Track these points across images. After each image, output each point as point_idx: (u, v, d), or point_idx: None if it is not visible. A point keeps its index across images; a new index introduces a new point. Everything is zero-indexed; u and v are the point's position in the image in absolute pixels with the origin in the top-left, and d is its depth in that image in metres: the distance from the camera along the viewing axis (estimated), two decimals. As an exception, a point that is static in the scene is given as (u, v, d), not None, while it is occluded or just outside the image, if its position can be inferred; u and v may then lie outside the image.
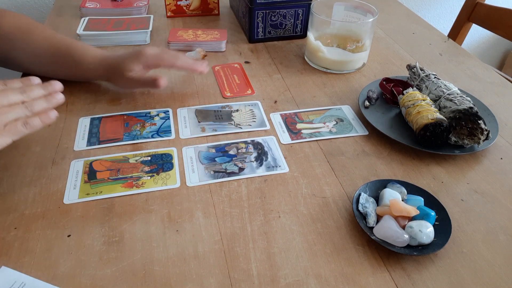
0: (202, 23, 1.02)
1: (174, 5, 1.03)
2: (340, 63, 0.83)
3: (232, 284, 0.45)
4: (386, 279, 0.46)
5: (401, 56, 0.92)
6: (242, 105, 0.73)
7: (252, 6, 0.88)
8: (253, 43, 0.94)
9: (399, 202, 0.51)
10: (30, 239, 0.49)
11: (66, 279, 0.45)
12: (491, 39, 1.88)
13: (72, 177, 0.57)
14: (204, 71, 0.74)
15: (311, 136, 0.67)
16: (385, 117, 0.70)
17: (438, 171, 0.61)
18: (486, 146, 0.63)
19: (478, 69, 0.87)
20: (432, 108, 0.64)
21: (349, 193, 0.57)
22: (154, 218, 0.52)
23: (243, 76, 0.82)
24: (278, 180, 0.58)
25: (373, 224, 0.50)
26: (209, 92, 0.76)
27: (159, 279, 0.45)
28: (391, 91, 0.73)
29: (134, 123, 0.68)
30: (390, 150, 0.64)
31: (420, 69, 0.75)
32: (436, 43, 0.98)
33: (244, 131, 0.67)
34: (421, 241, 0.48)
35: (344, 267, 0.47)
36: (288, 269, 0.47)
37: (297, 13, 0.92)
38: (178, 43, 0.89)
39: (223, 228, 0.51)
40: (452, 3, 1.73)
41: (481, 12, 1.22)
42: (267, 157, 0.62)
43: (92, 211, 0.53)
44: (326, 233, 0.51)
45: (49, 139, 0.64)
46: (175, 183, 0.57)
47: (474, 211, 0.55)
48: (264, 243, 0.49)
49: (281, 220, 0.52)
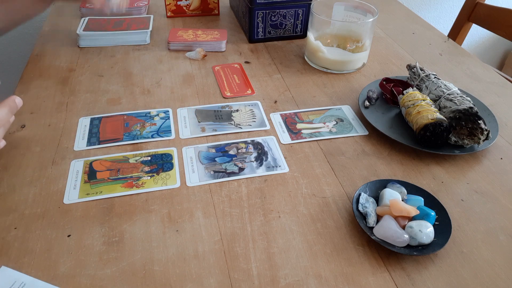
0: (202, 23, 1.02)
1: (174, 5, 1.03)
2: (340, 63, 0.83)
3: (232, 284, 0.45)
4: (386, 279, 0.46)
5: (401, 56, 0.92)
6: (242, 105, 0.73)
7: (252, 6, 0.88)
8: (253, 43, 0.94)
9: (399, 202, 0.51)
10: (30, 239, 0.49)
11: (66, 279, 0.45)
12: (491, 39, 1.88)
13: (72, 177, 0.57)
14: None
15: (311, 136, 0.67)
16: (385, 117, 0.70)
17: (438, 171, 0.61)
18: (486, 146, 0.63)
19: (478, 69, 0.87)
20: (432, 108, 0.64)
21: (349, 193, 0.57)
22: (154, 218, 0.52)
23: (243, 76, 0.82)
24: (278, 180, 0.58)
25: (373, 224, 0.50)
26: (209, 92, 0.76)
27: (159, 279, 0.45)
28: (391, 91, 0.73)
29: (134, 123, 0.68)
30: (390, 150, 0.64)
31: (420, 69, 0.75)
32: (436, 43, 0.98)
33: (244, 131, 0.67)
34: (421, 241, 0.48)
35: (344, 267, 0.47)
36: (288, 269, 0.47)
37: (297, 13, 0.92)
38: (178, 43, 0.89)
39: (223, 228, 0.51)
40: (452, 3, 1.73)
41: (481, 12, 1.22)
42: (267, 157, 0.62)
43: (92, 211, 0.53)
44: (326, 233, 0.51)
45: (49, 139, 0.64)
46: (175, 183, 0.57)
47: (474, 211, 0.55)
48: (264, 243, 0.49)
49: (281, 220, 0.52)
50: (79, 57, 0.85)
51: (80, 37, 0.89)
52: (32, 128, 0.66)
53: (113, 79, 0.79)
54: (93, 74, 0.80)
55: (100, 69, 0.82)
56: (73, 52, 0.87)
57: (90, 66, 0.83)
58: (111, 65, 0.84)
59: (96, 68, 0.82)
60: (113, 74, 0.81)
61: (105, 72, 0.81)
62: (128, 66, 0.83)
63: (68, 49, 0.89)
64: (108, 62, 0.84)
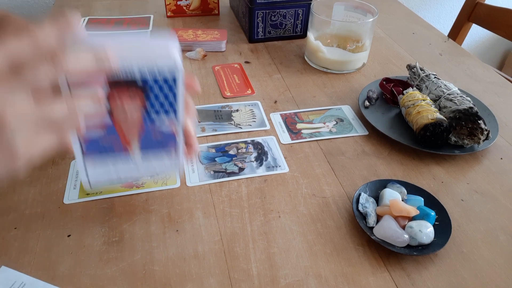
0: (202, 23, 1.02)
1: (174, 5, 1.03)
2: (340, 63, 0.83)
3: (232, 284, 0.45)
4: (386, 279, 0.46)
5: (401, 56, 0.92)
6: (242, 105, 0.73)
7: (252, 6, 0.88)
8: (253, 43, 0.94)
9: (399, 202, 0.51)
10: (30, 239, 0.49)
11: (66, 279, 0.45)
12: (491, 39, 1.88)
13: (72, 177, 0.57)
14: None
15: (311, 136, 0.67)
16: (385, 117, 0.70)
17: (438, 171, 0.61)
18: (486, 146, 0.63)
19: (478, 69, 0.87)
20: (432, 108, 0.64)
21: (349, 193, 0.57)
22: (154, 218, 0.52)
23: (243, 76, 0.82)
24: (278, 180, 0.58)
25: (373, 224, 0.50)
26: (209, 92, 0.76)
27: (159, 279, 0.45)
28: (391, 91, 0.73)
29: (134, 123, 0.68)
30: (390, 150, 0.64)
31: (420, 69, 0.75)
32: (436, 43, 0.98)
33: (244, 131, 0.67)
34: (421, 241, 0.48)
35: (344, 267, 0.47)
36: (288, 269, 0.47)
37: (297, 13, 0.92)
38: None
39: (223, 228, 0.51)
40: (452, 3, 1.73)
41: (481, 12, 1.22)
42: (267, 157, 0.62)
43: (92, 211, 0.53)
44: (326, 233, 0.51)
45: (49, 139, 0.64)
46: (175, 183, 0.57)
47: (474, 211, 0.55)
48: (264, 243, 0.49)
49: (281, 220, 0.52)
50: (79, 57, 0.85)
51: (80, 37, 0.89)
52: (32, 128, 0.66)
53: (113, 79, 0.79)
54: (93, 74, 0.80)
55: (100, 69, 0.82)
56: (73, 52, 0.87)
57: (90, 66, 0.83)
58: (111, 65, 0.83)
59: (96, 68, 0.82)
60: (113, 74, 0.80)
61: (105, 72, 0.81)
62: (128, 66, 0.83)
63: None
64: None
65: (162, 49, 0.36)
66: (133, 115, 0.39)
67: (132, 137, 0.40)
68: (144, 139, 0.41)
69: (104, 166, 0.41)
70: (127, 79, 0.35)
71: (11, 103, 0.29)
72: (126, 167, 0.42)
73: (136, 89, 0.37)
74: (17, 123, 0.29)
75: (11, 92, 0.29)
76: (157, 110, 0.39)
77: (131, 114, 0.39)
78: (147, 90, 0.37)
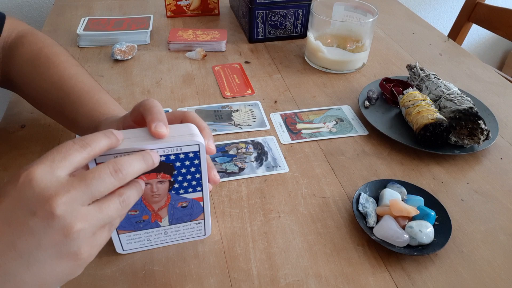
0: (202, 23, 1.02)
1: (174, 5, 1.03)
2: (340, 63, 0.83)
3: (232, 284, 0.45)
4: (386, 279, 0.46)
5: (401, 56, 0.92)
6: (242, 105, 0.73)
7: (252, 6, 0.88)
8: (253, 43, 0.94)
9: (399, 202, 0.51)
10: (30, 239, 0.49)
11: (66, 279, 0.45)
12: (491, 39, 1.88)
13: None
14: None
15: (311, 136, 0.67)
16: (385, 117, 0.70)
17: (438, 171, 0.61)
18: (486, 146, 0.63)
19: (478, 69, 0.87)
20: (432, 108, 0.64)
21: (349, 193, 0.57)
22: (154, 218, 0.52)
23: (243, 76, 0.82)
24: (278, 180, 0.58)
25: (373, 224, 0.50)
26: (209, 92, 0.76)
27: (159, 279, 0.45)
28: (391, 91, 0.73)
29: (134, 123, 0.68)
30: (390, 150, 0.64)
31: (420, 69, 0.75)
32: (436, 43, 0.98)
33: (244, 131, 0.67)
34: (421, 241, 0.48)
35: (344, 267, 0.47)
36: (288, 269, 0.47)
37: (297, 13, 0.92)
38: (178, 43, 0.89)
39: (223, 228, 0.51)
40: (452, 3, 1.73)
41: (481, 12, 1.22)
42: (267, 157, 0.62)
43: (92, 211, 0.53)
44: (326, 233, 0.51)
45: (49, 139, 0.64)
46: (175, 183, 0.57)
47: (474, 211, 0.55)
48: (264, 243, 0.49)
49: (281, 220, 0.52)
50: (79, 57, 0.85)
51: (80, 37, 0.89)
52: (32, 128, 0.66)
53: (113, 79, 0.79)
54: (93, 74, 0.80)
55: (100, 69, 0.82)
56: (73, 52, 0.87)
57: (90, 66, 0.83)
58: (111, 65, 0.84)
59: (96, 68, 0.82)
60: (113, 74, 0.81)
61: (105, 72, 0.81)
62: (128, 66, 0.83)
63: (68, 49, 0.88)
64: (108, 62, 0.84)
65: (185, 134, 0.39)
66: (162, 195, 0.42)
67: (163, 213, 0.44)
68: (173, 212, 0.45)
69: (137, 236, 0.46)
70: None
71: (81, 215, 0.32)
72: (157, 236, 0.47)
73: (163, 168, 0.40)
74: (85, 233, 0.32)
75: (80, 203, 0.32)
76: (184, 185, 0.42)
77: (161, 194, 0.42)
78: (174, 168, 0.40)
